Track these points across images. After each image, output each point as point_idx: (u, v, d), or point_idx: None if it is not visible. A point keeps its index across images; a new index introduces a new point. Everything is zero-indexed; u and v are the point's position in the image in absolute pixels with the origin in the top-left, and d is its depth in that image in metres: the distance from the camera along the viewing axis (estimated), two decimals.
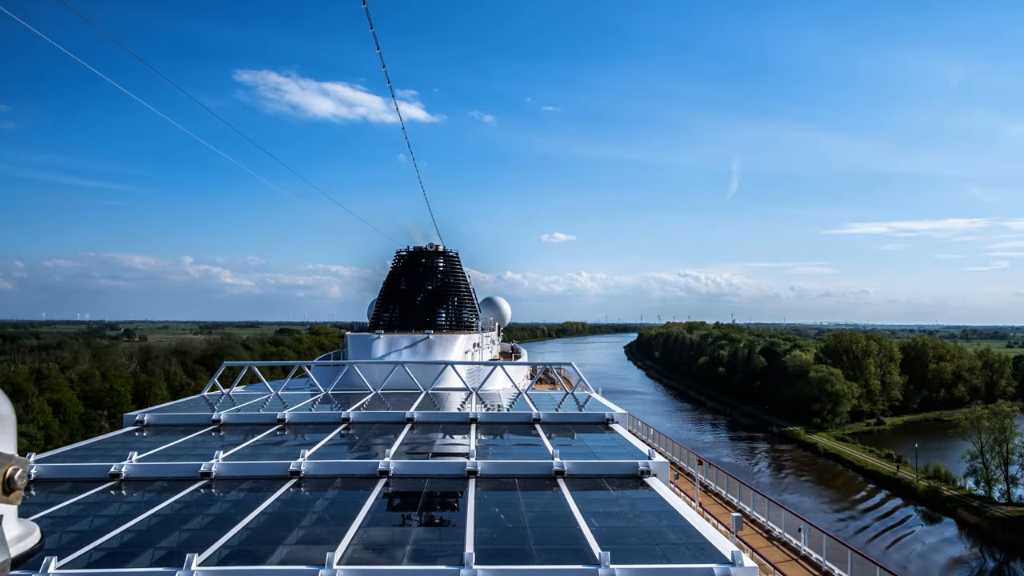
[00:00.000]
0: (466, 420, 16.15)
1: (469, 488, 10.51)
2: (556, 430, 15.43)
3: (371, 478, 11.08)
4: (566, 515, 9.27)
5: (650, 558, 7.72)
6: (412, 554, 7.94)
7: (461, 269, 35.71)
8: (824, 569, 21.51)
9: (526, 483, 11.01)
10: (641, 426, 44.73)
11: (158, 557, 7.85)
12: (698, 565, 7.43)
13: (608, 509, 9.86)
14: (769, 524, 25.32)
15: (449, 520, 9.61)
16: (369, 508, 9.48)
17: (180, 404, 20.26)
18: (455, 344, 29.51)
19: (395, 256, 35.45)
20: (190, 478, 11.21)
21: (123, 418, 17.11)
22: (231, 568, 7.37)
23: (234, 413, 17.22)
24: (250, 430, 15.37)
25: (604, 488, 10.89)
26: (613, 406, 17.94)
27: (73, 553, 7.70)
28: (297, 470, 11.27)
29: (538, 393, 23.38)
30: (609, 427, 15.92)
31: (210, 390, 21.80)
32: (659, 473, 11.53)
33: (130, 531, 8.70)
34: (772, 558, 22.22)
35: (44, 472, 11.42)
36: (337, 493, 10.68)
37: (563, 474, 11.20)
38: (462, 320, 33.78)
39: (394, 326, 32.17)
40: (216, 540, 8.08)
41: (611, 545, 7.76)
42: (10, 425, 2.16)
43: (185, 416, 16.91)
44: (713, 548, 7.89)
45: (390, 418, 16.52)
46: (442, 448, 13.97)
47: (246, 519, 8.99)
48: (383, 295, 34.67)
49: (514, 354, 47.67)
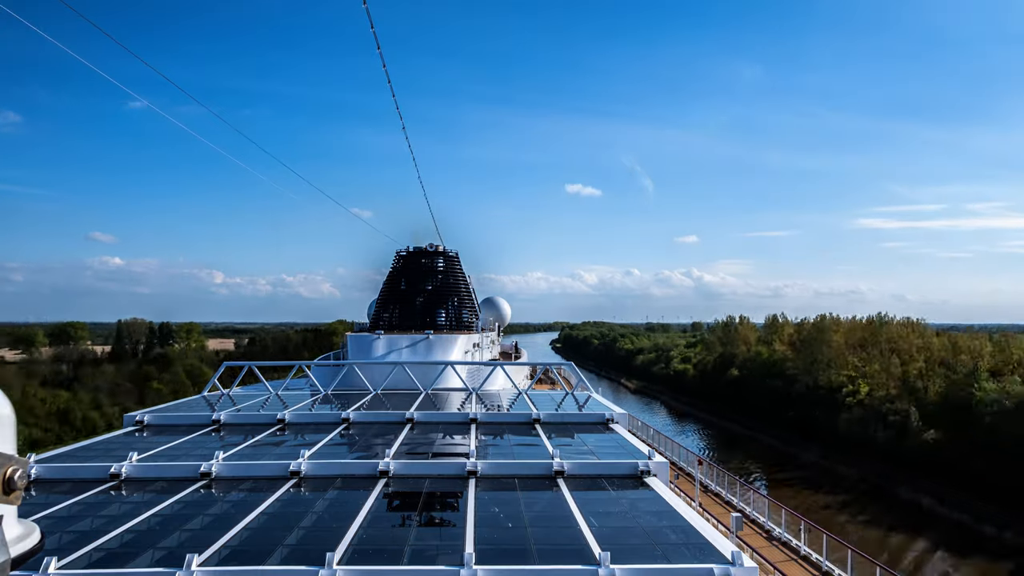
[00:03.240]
0: (466, 420, 16.17)
1: (469, 488, 10.52)
2: (556, 430, 15.45)
3: (371, 478, 11.09)
4: (566, 515, 9.28)
5: (650, 558, 7.72)
6: (412, 554, 7.95)
7: (461, 269, 35.77)
8: (824, 569, 21.54)
9: (526, 483, 11.02)
10: (641, 426, 44.82)
11: (158, 557, 7.86)
12: (698, 565, 7.44)
13: (608, 509, 9.87)
14: (769, 524, 25.36)
15: (449, 520, 9.62)
16: (369, 508, 9.49)
17: (180, 404, 20.29)
18: (455, 344, 29.54)
19: (395, 256, 35.51)
20: (190, 478, 11.21)
21: (123, 418, 17.13)
22: (231, 568, 7.38)
23: (234, 413, 17.24)
24: (250, 430, 15.39)
25: (604, 488, 10.90)
26: (613, 406, 17.96)
27: (73, 553, 7.71)
28: (297, 470, 11.27)
29: (538, 393, 23.40)
30: (609, 427, 15.93)
31: (210, 390, 21.82)
32: (659, 473, 11.53)
33: (130, 531, 8.71)
34: (772, 558, 22.25)
35: (44, 472, 11.42)
36: (337, 493, 10.69)
37: (563, 474, 11.21)
38: (462, 320, 33.82)
39: (394, 326, 32.20)
40: (216, 540, 8.09)
41: (611, 545, 7.76)
42: (10, 425, 2.17)
43: (185, 416, 16.93)
44: (713, 548, 7.90)
45: (390, 418, 16.53)
46: (442, 448, 13.98)
47: (246, 519, 9.00)
48: (383, 295, 34.72)
49: (514, 354, 47.73)
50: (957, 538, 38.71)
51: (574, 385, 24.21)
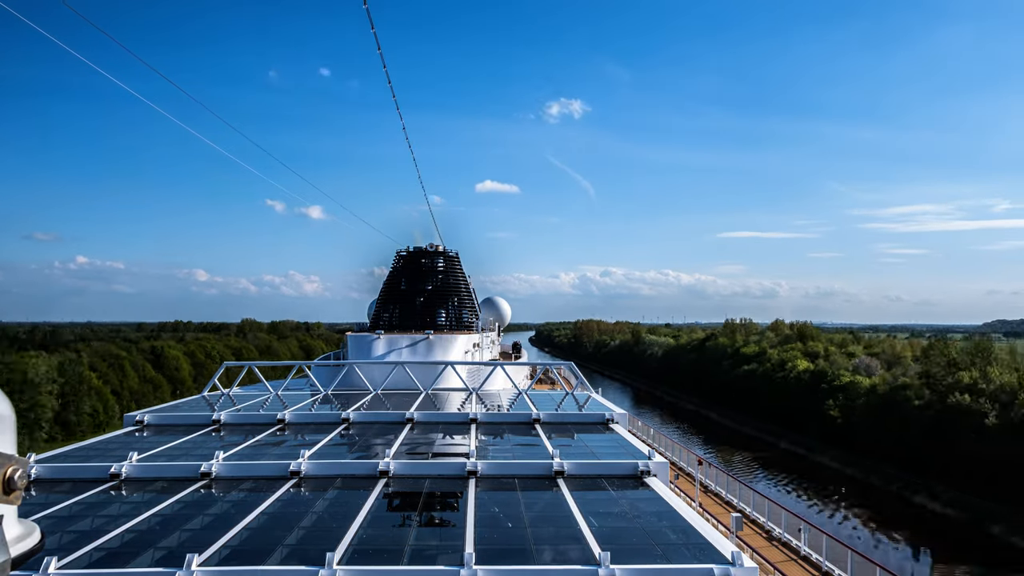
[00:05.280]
0: (466, 420, 16.16)
1: (469, 488, 10.52)
2: (556, 430, 15.44)
3: (371, 478, 11.09)
4: (566, 515, 9.28)
5: (650, 558, 7.72)
6: (412, 554, 7.95)
7: (461, 269, 35.75)
8: (824, 569, 21.52)
9: (526, 483, 11.02)
10: (641, 426, 44.80)
11: (158, 557, 7.86)
12: (698, 565, 7.44)
13: (608, 509, 9.87)
14: (769, 524, 25.33)
15: (449, 520, 9.62)
16: (369, 508, 9.49)
17: (180, 404, 20.29)
18: (455, 344, 29.53)
19: (395, 256, 35.50)
20: (190, 478, 11.21)
21: (123, 418, 17.12)
22: (231, 568, 7.38)
23: (234, 413, 17.23)
24: (250, 430, 15.38)
25: (604, 488, 10.90)
26: (613, 406, 17.95)
27: (73, 553, 7.71)
28: (297, 470, 11.27)
29: (538, 393, 23.39)
30: (609, 427, 15.93)
31: (210, 390, 21.81)
32: (659, 473, 11.53)
33: (130, 531, 8.71)
34: (772, 558, 22.23)
35: (44, 472, 11.42)
36: (337, 493, 10.69)
37: (563, 474, 11.21)
38: (462, 320, 33.80)
39: (394, 326, 32.18)
40: (216, 540, 8.09)
41: (611, 545, 7.76)
42: (10, 425, 2.16)
43: (185, 416, 16.93)
44: (713, 548, 7.90)
45: (390, 418, 16.53)
46: (442, 448, 13.98)
47: (246, 519, 9.00)
48: (383, 295, 34.70)
49: (514, 354, 47.70)
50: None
51: (574, 385, 24.19)
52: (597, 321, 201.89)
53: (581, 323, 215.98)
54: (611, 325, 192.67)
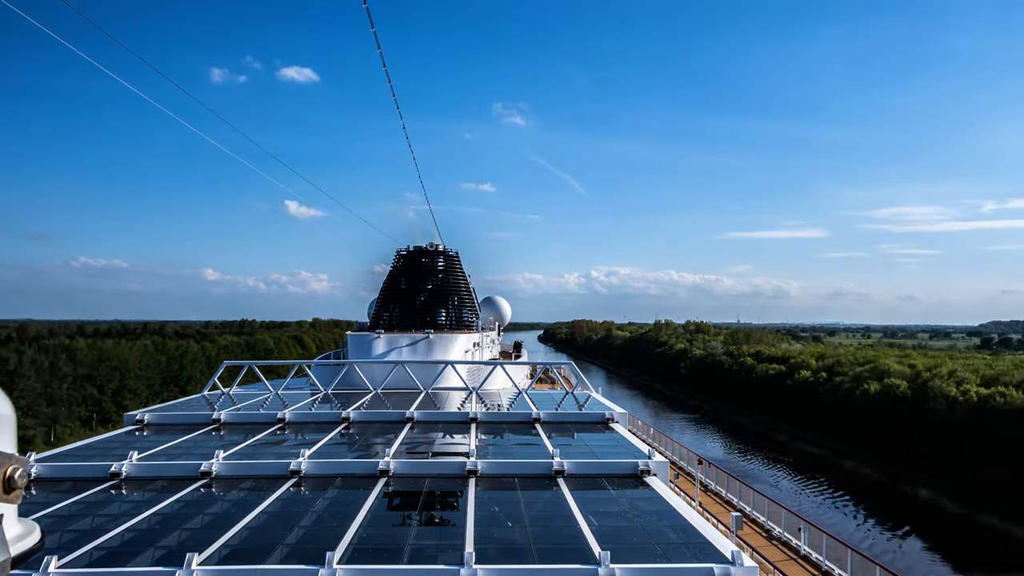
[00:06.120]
0: (466, 420, 16.16)
1: (469, 488, 10.52)
2: (556, 429, 15.45)
3: (371, 477, 11.09)
4: (566, 515, 9.28)
5: (650, 557, 7.73)
6: (412, 553, 7.95)
7: (461, 269, 35.71)
8: (824, 569, 21.54)
9: (526, 483, 11.02)
10: (641, 425, 44.82)
11: (158, 556, 7.86)
12: (698, 564, 7.44)
13: (608, 508, 9.87)
14: (769, 524, 25.36)
15: (449, 519, 9.62)
16: (369, 508, 9.49)
17: (180, 403, 20.29)
18: (455, 344, 29.52)
19: (395, 255, 35.47)
20: (190, 477, 11.21)
21: (123, 417, 17.11)
22: (231, 567, 7.38)
23: (234, 412, 17.23)
24: (250, 429, 15.38)
25: (604, 487, 10.90)
26: (613, 406, 17.95)
27: (73, 552, 7.71)
28: (297, 469, 11.27)
29: (538, 393, 23.39)
30: (609, 427, 15.93)
31: (210, 389, 21.81)
32: (659, 473, 11.53)
33: (130, 530, 8.71)
34: (772, 558, 22.25)
35: (44, 471, 11.42)
36: (337, 493, 10.69)
37: (563, 474, 11.21)
38: (462, 320, 33.79)
39: (394, 326, 32.15)
40: (216, 539, 8.09)
41: (611, 544, 7.77)
42: (10, 425, 2.16)
43: (185, 415, 16.92)
44: (713, 547, 7.90)
45: (390, 417, 16.53)
46: (442, 448, 13.98)
47: (246, 519, 9.00)
48: (383, 295, 34.67)
49: (515, 353, 47.70)
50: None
51: (574, 384, 24.19)
52: (586, 320, 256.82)
53: (575, 322, 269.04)
54: (597, 324, 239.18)
